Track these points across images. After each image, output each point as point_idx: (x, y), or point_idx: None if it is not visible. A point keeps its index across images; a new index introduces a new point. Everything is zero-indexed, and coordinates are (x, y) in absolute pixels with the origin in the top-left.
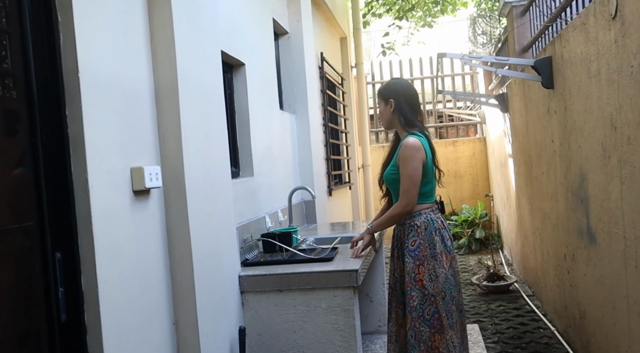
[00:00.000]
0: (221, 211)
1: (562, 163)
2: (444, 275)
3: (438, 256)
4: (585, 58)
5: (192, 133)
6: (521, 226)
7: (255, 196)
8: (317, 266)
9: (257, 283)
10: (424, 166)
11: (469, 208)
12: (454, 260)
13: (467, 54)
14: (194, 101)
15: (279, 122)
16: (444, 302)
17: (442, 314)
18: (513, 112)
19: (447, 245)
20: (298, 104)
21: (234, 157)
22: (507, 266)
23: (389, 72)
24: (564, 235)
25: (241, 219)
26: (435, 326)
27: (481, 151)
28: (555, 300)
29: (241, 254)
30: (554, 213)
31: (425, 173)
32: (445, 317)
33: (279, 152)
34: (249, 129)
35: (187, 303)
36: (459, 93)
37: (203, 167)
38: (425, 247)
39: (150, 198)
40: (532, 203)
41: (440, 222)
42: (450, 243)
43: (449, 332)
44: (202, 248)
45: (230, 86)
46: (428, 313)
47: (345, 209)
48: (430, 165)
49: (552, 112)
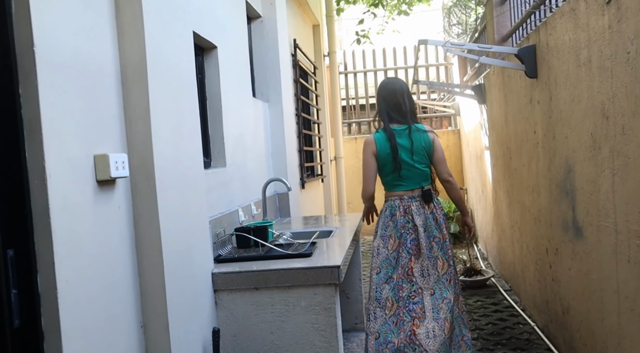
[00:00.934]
0: (193, 203)
1: (545, 155)
2: (385, 255)
3: (386, 237)
4: (574, 45)
5: (162, 117)
6: (498, 219)
7: (227, 188)
8: (295, 262)
9: (232, 280)
10: (378, 159)
11: (443, 201)
12: (402, 246)
13: (449, 41)
14: (165, 82)
15: (252, 111)
16: (376, 277)
17: (372, 286)
18: (491, 104)
19: (399, 231)
20: (271, 92)
21: (206, 146)
22: (482, 260)
23: (362, 62)
24: (546, 228)
25: (213, 213)
26: (369, 294)
27: (455, 143)
28: (535, 295)
29: (214, 250)
30: (535, 206)
31: (382, 165)
32: (374, 289)
33: (252, 142)
34: (222, 117)
35: (156, 303)
36: (436, 84)
37: (174, 155)
38: (379, 227)
39: (116, 189)
40: (510, 196)
41: (402, 210)
42: (404, 231)
43: (373, 303)
44: (173, 243)
45: (201, 70)
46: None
47: (317, 203)
48: (386, 158)
49: (535, 103)
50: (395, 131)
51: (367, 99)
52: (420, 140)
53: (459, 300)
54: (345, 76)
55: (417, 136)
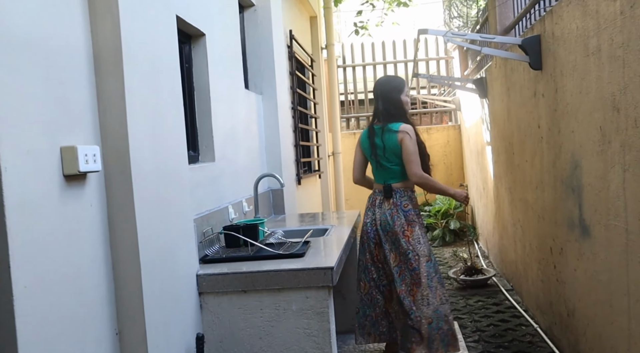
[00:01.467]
0: (175, 200)
1: (550, 150)
2: (360, 240)
3: (365, 226)
4: (582, 34)
5: (139, 106)
6: (499, 217)
7: (216, 184)
8: (286, 263)
9: (218, 282)
10: (363, 151)
11: (443, 198)
12: (366, 235)
13: (450, 31)
14: (142, 68)
15: (244, 103)
16: (358, 267)
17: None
18: (492, 98)
19: (365, 221)
20: (265, 84)
21: (193, 139)
22: (483, 258)
23: (360, 55)
24: (550, 226)
25: (200, 210)
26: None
27: (455, 139)
28: (538, 296)
29: (200, 249)
30: (539, 204)
31: (367, 158)
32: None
33: (243, 135)
34: (210, 109)
35: (133, 308)
36: (436, 77)
37: (154, 148)
38: None
39: (87, 185)
40: (512, 193)
41: (371, 202)
42: (369, 221)
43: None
44: (152, 243)
45: (188, 60)
46: None
47: (314, 199)
48: (366, 153)
49: (540, 96)
50: (374, 130)
51: (366, 93)
52: (389, 140)
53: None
54: (344, 70)
55: (386, 136)
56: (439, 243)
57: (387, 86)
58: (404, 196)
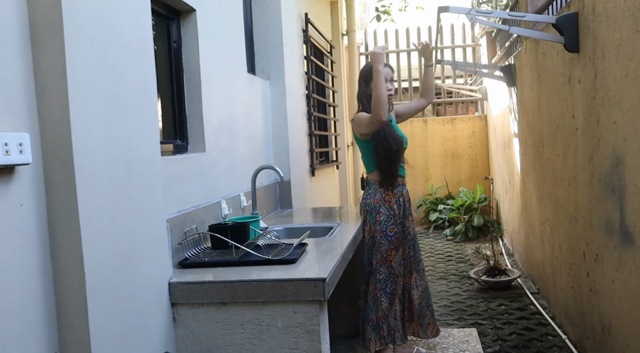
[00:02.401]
0: (141, 197)
1: (586, 143)
2: None
3: None
4: (631, 6)
5: (89, 87)
6: (526, 214)
7: (207, 177)
8: (274, 271)
9: (194, 292)
10: None
11: (467, 191)
12: None
13: (474, 8)
14: (95, 42)
15: (246, 88)
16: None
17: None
18: (521, 86)
19: None
20: (273, 69)
21: (181, 127)
22: (507, 256)
23: (383, 42)
24: (584, 229)
25: (184, 206)
26: None
27: (481, 129)
28: (567, 304)
29: (180, 251)
30: (571, 203)
31: None
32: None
33: (244, 123)
34: (200, 93)
35: (75, 325)
36: (460, 64)
37: (109, 137)
38: None
39: (15, 180)
40: (541, 189)
41: None
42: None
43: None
44: (104, 248)
45: (177, 38)
46: None
47: (331, 192)
48: None
49: (575, 82)
50: None
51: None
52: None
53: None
54: (366, 58)
55: None
56: (461, 239)
57: (362, 72)
58: (368, 190)
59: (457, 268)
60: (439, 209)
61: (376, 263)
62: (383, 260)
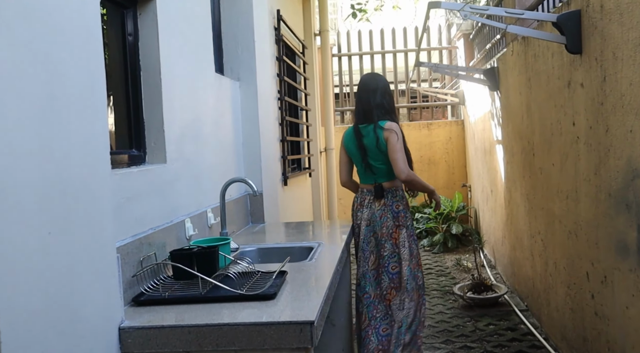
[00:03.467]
0: (83, 224)
1: (590, 153)
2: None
3: (355, 228)
4: None
5: (10, 87)
6: (512, 225)
7: (168, 192)
8: (249, 310)
9: (151, 340)
10: (347, 153)
11: (444, 199)
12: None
13: (468, 4)
14: (19, 31)
15: (214, 90)
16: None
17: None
18: (506, 90)
19: (355, 223)
20: (243, 69)
21: (137, 134)
22: (489, 268)
23: (357, 43)
24: (587, 247)
25: (141, 229)
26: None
27: (458, 135)
28: (564, 325)
29: (135, 284)
30: (570, 217)
31: (351, 158)
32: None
33: (212, 129)
34: (161, 95)
35: None
36: (441, 66)
37: (41, 150)
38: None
39: None
40: (531, 201)
41: (358, 203)
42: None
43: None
44: (30, 296)
45: (134, 31)
46: None
47: (304, 200)
48: (351, 153)
49: (577, 86)
50: (360, 129)
51: None
52: (375, 138)
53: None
54: (339, 59)
55: (372, 135)
56: (439, 249)
57: (382, 83)
58: (396, 197)
59: (439, 282)
60: (416, 218)
61: (413, 269)
62: (417, 265)
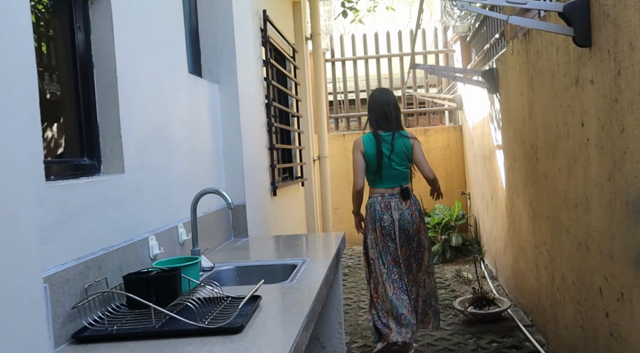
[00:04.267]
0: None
1: (603, 157)
2: (377, 246)
3: (371, 231)
4: None
5: None
6: (514, 234)
7: (126, 206)
8: (209, 347)
9: None
10: (365, 158)
11: (443, 208)
12: (388, 237)
13: None
14: None
15: (188, 92)
16: (375, 265)
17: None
18: (506, 92)
19: (383, 225)
20: (223, 71)
21: (89, 140)
22: (490, 280)
23: (351, 48)
24: (600, 260)
25: (89, 250)
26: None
27: (457, 141)
28: (574, 345)
29: (78, 316)
30: (580, 227)
31: (368, 164)
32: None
33: (184, 136)
34: (117, 95)
35: None
36: (437, 68)
37: None
38: (367, 220)
39: None
40: (535, 209)
41: (382, 206)
42: (388, 224)
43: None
44: None
45: (84, 23)
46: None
47: (297, 213)
48: (371, 159)
49: (586, 83)
50: (381, 136)
51: (358, 93)
52: (402, 145)
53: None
54: (332, 65)
55: (398, 141)
56: (438, 260)
57: (394, 97)
58: (416, 197)
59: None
60: None
61: (430, 258)
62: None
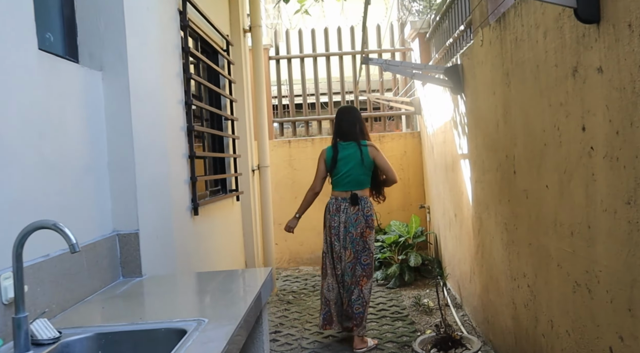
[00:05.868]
0: None
1: (617, 171)
2: (327, 242)
3: (326, 228)
4: None
5: None
6: (484, 260)
7: None
8: None
9: None
10: (327, 166)
11: (400, 224)
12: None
13: None
14: None
15: (38, 79)
16: (326, 258)
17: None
18: (474, 92)
19: (332, 225)
20: (108, 55)
21: None
22: (454, 308)
23: (297, 45)
24: (613, 311)
25: None
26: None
27: (414, 149)
28: None
29: None
30: (579, 262)
31: (329, 170)
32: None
33: (26, 141)
34: None
35: None
36: (394, 63)
37: None
38: (324, 217)
39: None
40: (511, 232)
41: (334, 208)
42: (336, 225)
43: (329, 279)
44: None
45: None
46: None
47: (230, 232)
48: (331, 166)
49: (591, 72)
50: (340, 146)
51: (305, 94)
52: (358, 154)
53: (363, 284)
54: (277, 63)
55: (355, 150)
56: (395, 284)
57: (359, 112)
58: (367, 203)
59: (394, 329)
60: None
61: (370, 260)
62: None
